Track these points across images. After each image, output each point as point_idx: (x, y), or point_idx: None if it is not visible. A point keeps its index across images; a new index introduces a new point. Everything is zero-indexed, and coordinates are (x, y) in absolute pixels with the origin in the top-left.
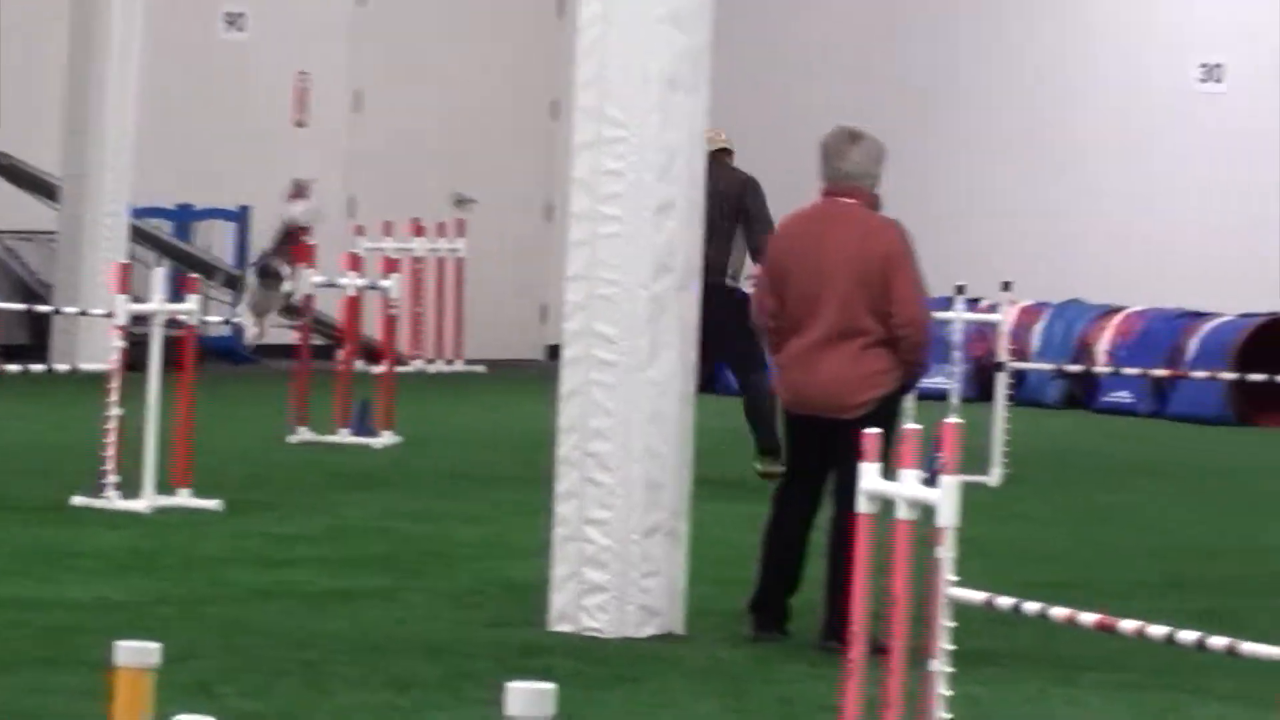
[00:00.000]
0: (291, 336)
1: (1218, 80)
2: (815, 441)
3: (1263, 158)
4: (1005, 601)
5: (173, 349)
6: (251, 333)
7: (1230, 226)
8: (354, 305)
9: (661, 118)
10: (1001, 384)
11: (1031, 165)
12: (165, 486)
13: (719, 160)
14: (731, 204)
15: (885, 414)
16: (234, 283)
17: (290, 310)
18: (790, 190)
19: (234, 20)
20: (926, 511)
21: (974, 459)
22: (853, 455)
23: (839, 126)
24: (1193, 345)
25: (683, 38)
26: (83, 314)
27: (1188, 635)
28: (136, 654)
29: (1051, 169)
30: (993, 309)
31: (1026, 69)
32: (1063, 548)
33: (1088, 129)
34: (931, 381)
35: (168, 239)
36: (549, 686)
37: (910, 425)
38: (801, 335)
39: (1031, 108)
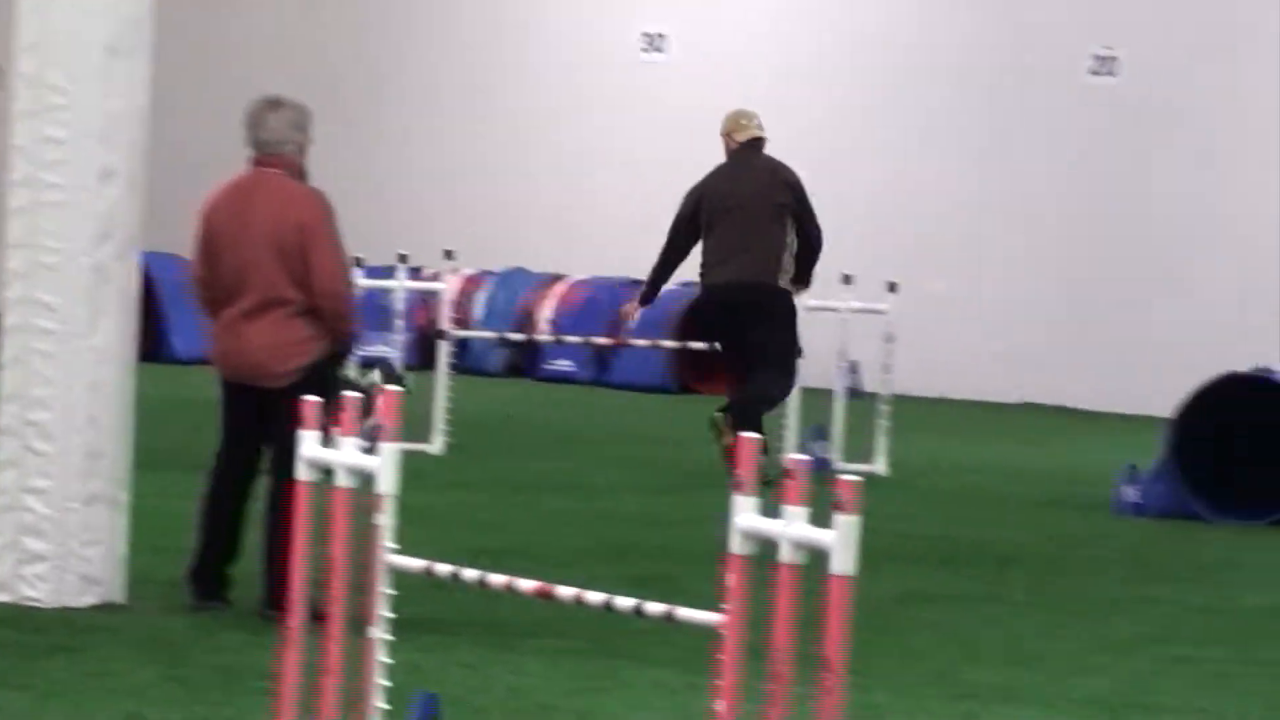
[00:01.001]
0: None
1: (659, 49)
2: (248, 410)
3: (703, 129)
4: (444, 569)
5: None
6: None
7: (672, 196)
8: None
9: (103, 85)
10: (444, 352)
11: (475, 134)
12: None
13: (753, 151)
14: (773, 202)
15: (316, 381)
16: None
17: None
18: (232, 159)
19: None
20: (367, 479)
21: (416, 427)
22: (285, 423)
23: (262, 95)
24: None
25: (125, 4)
26: None
27: (625, 602)
28: None
29: (495, 138)
30: (435, 277)
31: (469, 38)
32: (504, 515)
33: (532, 98)
34: (374, 349)
35: None
36: None
37: (350, 393)
38: (231, 305)
39: (474, 78)
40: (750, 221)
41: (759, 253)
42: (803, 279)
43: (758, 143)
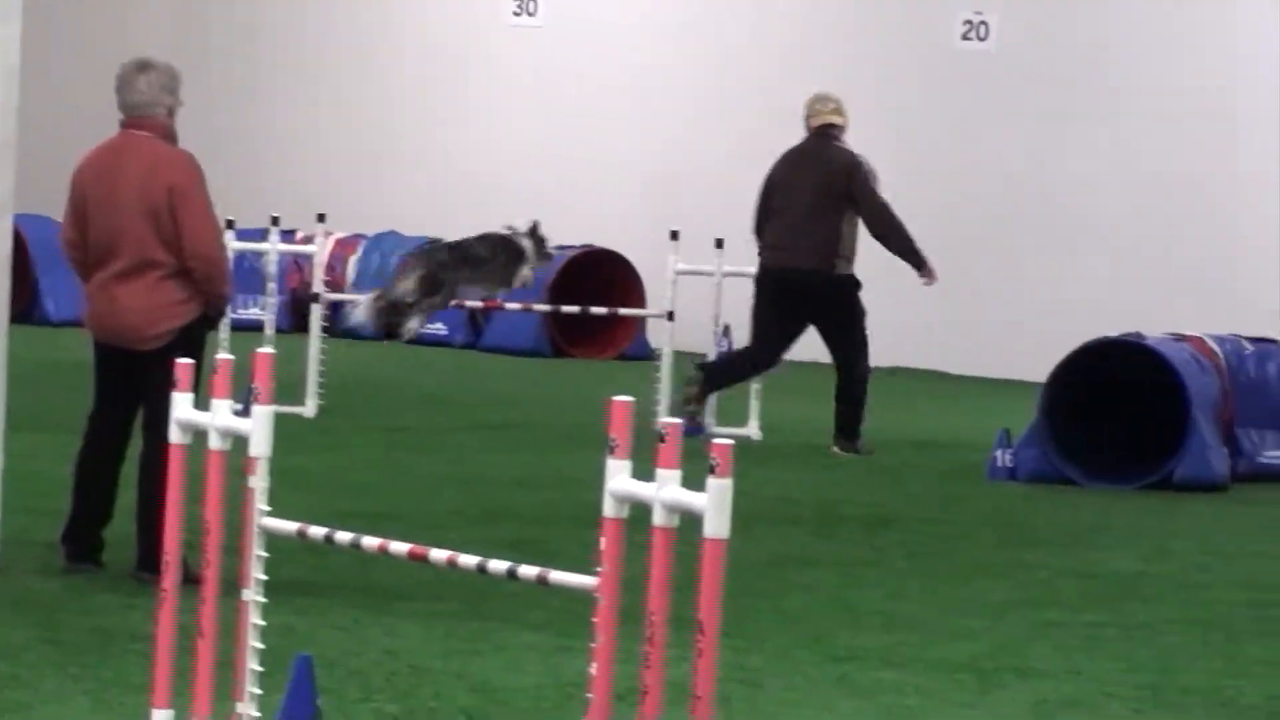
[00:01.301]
0: None
1: (531, 14)
2: (121, 372)
3: (579, 91)
4: (318, 531)
5: None
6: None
7: (545, 159)
8: None
9: None
10: (317, 315)
11: (348, 97)
12: None
13: (821, 138)
14: (826, 189)
15: (187, 344)
16: None
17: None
18: (105, 121)
19: None
20: (240, 442)
21: (289, 390)
22: (157, 385)
23: (131, 59)
24: None
25: None
26: None
27: (499, 564)
28: None
29: (368, 101)
30: (308, 240)
31: (343, 1)
32: (378, 478)
33: (405, 61)
34: (247, 312)
35: None
36: None
37: (223, 355)
38: (104, 268)
39: (347, 41)
40: (805, 208)
41: (814, 239)
42: (915, 263)
43: (828, 129)
